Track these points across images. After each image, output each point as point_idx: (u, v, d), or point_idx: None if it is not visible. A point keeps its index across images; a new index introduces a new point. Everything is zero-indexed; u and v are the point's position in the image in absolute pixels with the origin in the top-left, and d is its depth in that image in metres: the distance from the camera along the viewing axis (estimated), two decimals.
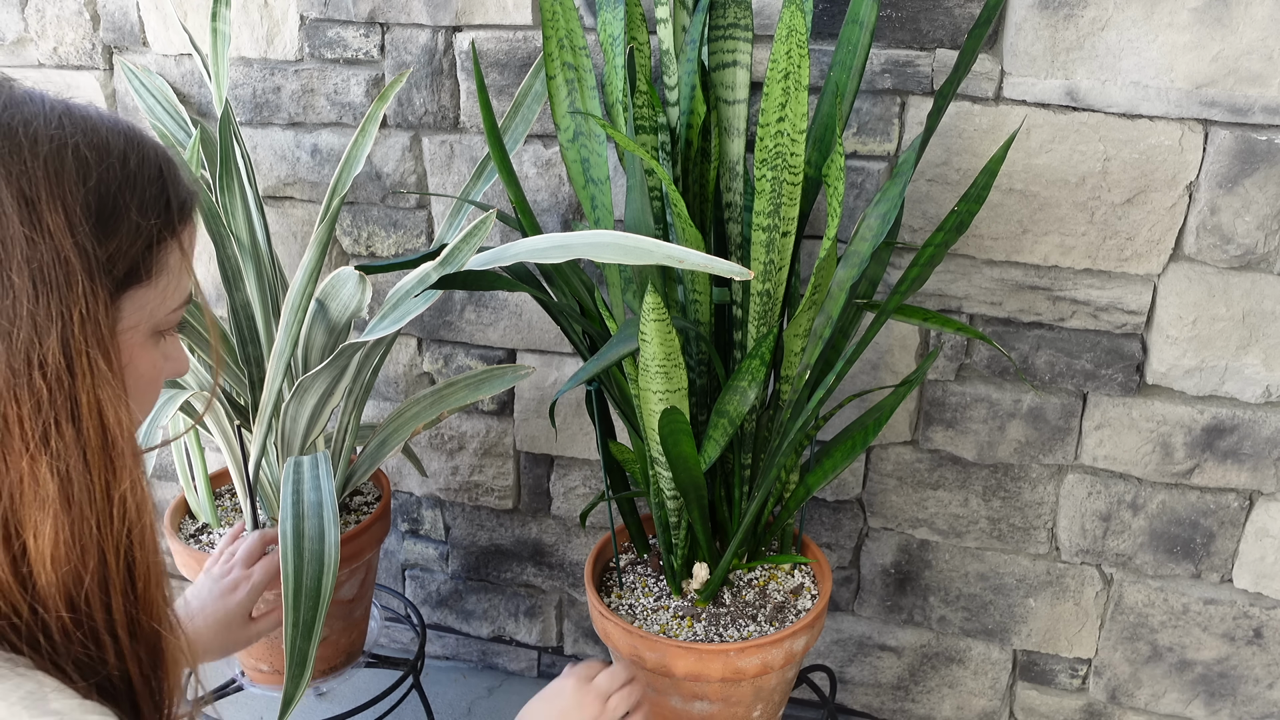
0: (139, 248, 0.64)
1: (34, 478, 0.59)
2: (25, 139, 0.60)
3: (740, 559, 1.19)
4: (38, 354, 0.58)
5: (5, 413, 0.58)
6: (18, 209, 0.58)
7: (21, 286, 0.58)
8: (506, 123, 1.27)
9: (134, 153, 0.65)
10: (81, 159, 0.61)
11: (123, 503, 0.62)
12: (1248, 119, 1.11)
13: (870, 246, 1.00)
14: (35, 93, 0.64)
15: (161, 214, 0.65)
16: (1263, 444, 1.24)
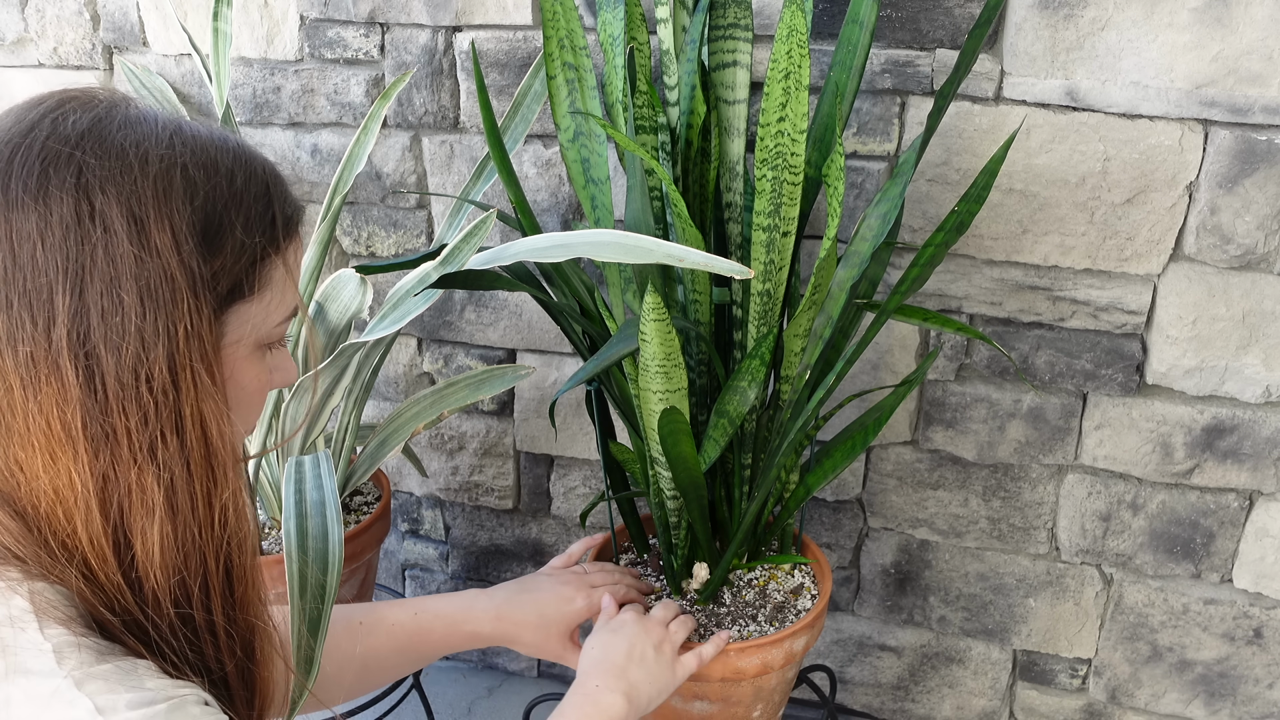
0: (243, 264, 0.66)
1: (141, 487, 0.61)
2: (136, 159, 0.62)
3: (740, 559, 1.19)
4: (145, 369, 0.61)
5: (115, 425, 0.60)
6: (127, 228, 0.60)
7: (130, 303, 0.60)
8: (506, 123, 1.27)
9: (241, 170, 0.67)
10: (189, 178, 0.63)
11: (224, 511, 0.65)
12: (1248, 119, 1.11)
13: (870, 246, 1.00)
14: (149, 112, 0.66)
15: (266, 231, 0.67)
16: (1263, 444, 1.24)
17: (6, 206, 0.60)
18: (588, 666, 0.99)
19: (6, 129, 0.63)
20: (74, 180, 0.60)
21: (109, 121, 0.63)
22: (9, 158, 0.61)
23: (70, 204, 0.60)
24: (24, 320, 0.59)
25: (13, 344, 0.60)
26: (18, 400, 0.60)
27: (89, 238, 0.60)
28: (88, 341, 0.60)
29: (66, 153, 0.61)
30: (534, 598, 1.08)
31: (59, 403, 0.60)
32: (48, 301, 0.59)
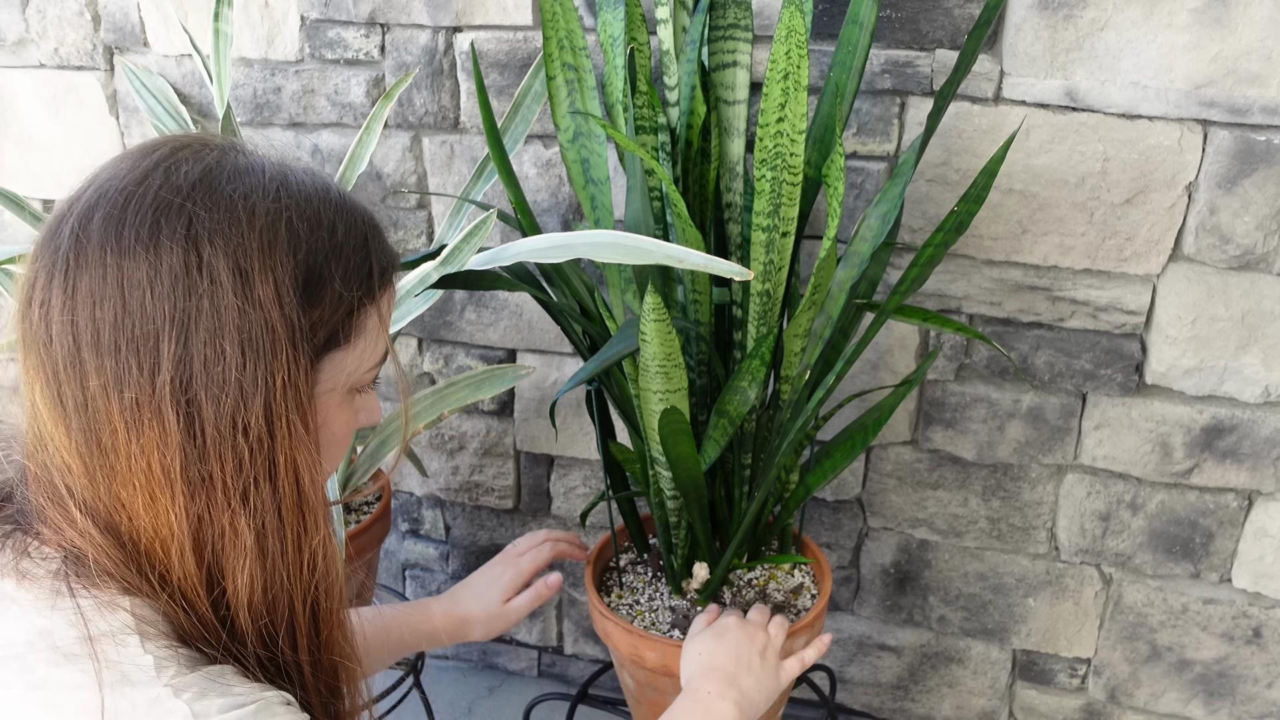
0: (340, 315, 0.68)
1: (234, 530, 0.64)
2: (244, 212, 0.63)
3: (740, 559, 1.19)
4: (242, 417, 0.62)
5: (211, 470, 0.62)
6: (232, 280, 0.62)
7: (231, 354, 0.62)
8: (506, 123, 1.27)
9: (342, 222, 0.68)
10: (294, 231, 0.65)
11: (313, 556, 0.67)
12: (1247, 119, 1.11)
13: (870, 247, 1.00)
14: (257, 161, 0.68)
15: (363, 282, 0.69)
16: (1262, 444, 1.24)
17: (119, 254, 0.61)
18: (695, 671, 0.99)
19: (121, 176, 0.64)
20: (184, 231, 0.62)
21: (219, 172, 0.65)
22: (123, 205, 0.63)
23: (180, 254, 0.61)
24: (131, 365, 0.61)
25: (119, 387, 0.61)
26: (121, 441, 0.62)
27: (196, 288, 0.61)
28: (189, 389, 0.62)
29: (178, 203, 0.63)
30: (471, 589, 1.14)
31: (160, 446, 0.62)
32: (154, 349, 0.61)
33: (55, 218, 0.65)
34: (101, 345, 0.61)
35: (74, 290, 0.62)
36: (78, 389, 0.62)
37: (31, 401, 0.64)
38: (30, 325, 0.64)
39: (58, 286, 0.62)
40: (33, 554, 0.64)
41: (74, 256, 0.62)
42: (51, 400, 0.63)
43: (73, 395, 0.62)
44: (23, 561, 0.63)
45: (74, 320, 0.62)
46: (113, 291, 0.61)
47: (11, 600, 0.62)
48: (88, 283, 0.62)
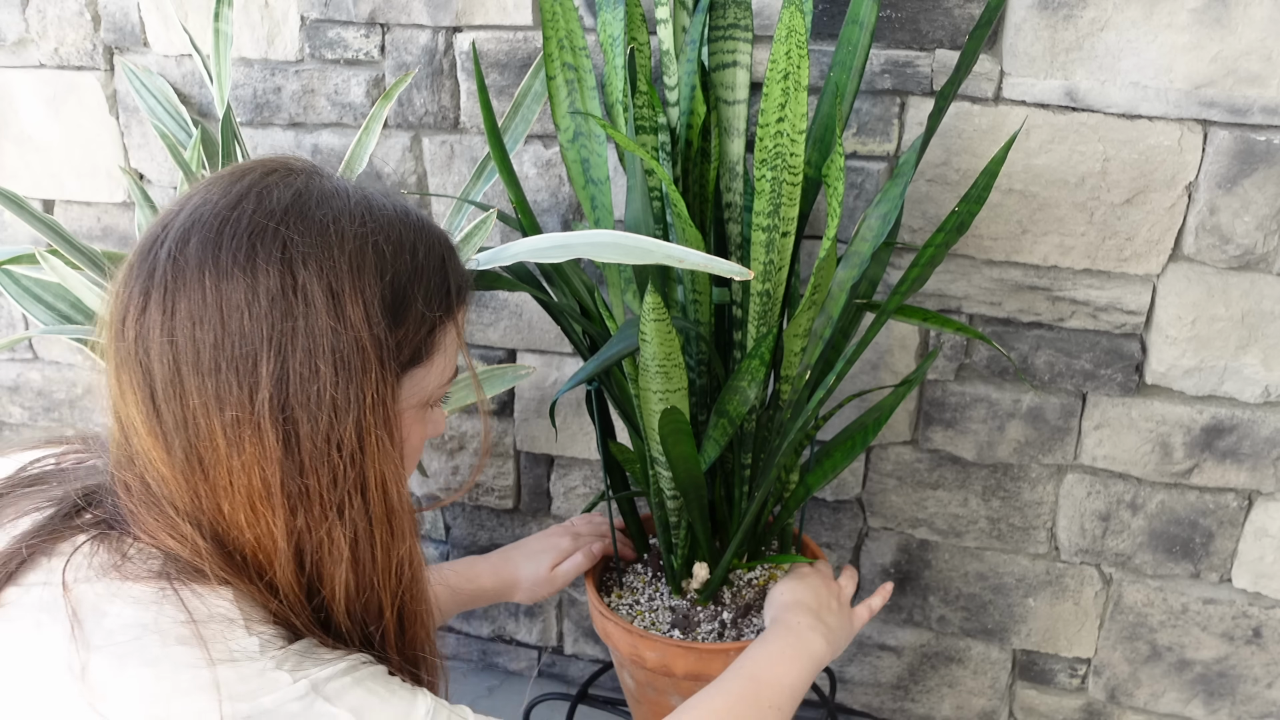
0: (423, 334, 0.71)
1: (330, 540, 0.67)
2: (335, 236, 0.66)
3: (740, 559, 1.19)
4: (336, 434, 0.65)
5: (308, 484, 0.66)
6: (326, 301, 0.65)
7: (326, 372, 0.65)
8: (506, 123, 1.27)
9: (422, 244, 0.71)
10: (380, 254, 0.68)
11: (400, 562, 0.71)
12: (1247, 119, 1.11)
13: (870, 247, 1.00)
14: (340, 185, 0.71)
15: (443, 301, 0.72)
16: (1262, 444, 1.24)
17: (218, 276, 0.64)
18: (785, 604, 1.05)
19: (214, 201, 0.67)
20: (280, 254, 0.64)
21: (308, 196, 0.68)
22: (219, 229, 0.65)
23: (276, 277, 0.64)
24: (231, 384, 0.64)
25: (220, 406, 0.64)
26: (222, 458, 0.64)
27: (293, 310, 0.64)
28: (287, 407, 0.64)
29: (272, 227, 0.65)
30: (524, 550, 1.19)
31: (259, 462, 0.64)
32: (253, 368, 0.64)
33: (148, 240, 0.67)
34: (202, 365, 0.64)
35: (173, 311, 0.64)
36: (178, 407, 0.64)
37: (127, 417, 0.67)
38: (125, 345, 0.66)
39: (155, 308, 0.65)
40: (132, 553, 0.66)
41: (172, 279, 0.64)
42: (149, 417, 0.65)
43: (172, 413, 0.65)
44: (125, 559, 0.66)
45: (174, 341, 0.64)
46: (212, 313, 0.64)
47: (118, 593, 0.64)
48: (187, 304, 0.64)
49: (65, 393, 1.78)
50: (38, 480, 0.74)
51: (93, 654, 0.61)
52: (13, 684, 0.62)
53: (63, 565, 0.65)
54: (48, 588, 0.64)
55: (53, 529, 0.68)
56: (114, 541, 0.67)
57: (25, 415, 1.82)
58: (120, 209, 1.61)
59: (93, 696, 0.60)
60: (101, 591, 0.64)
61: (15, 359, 1.78)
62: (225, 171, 0.70)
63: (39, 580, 0.65)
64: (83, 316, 1.30)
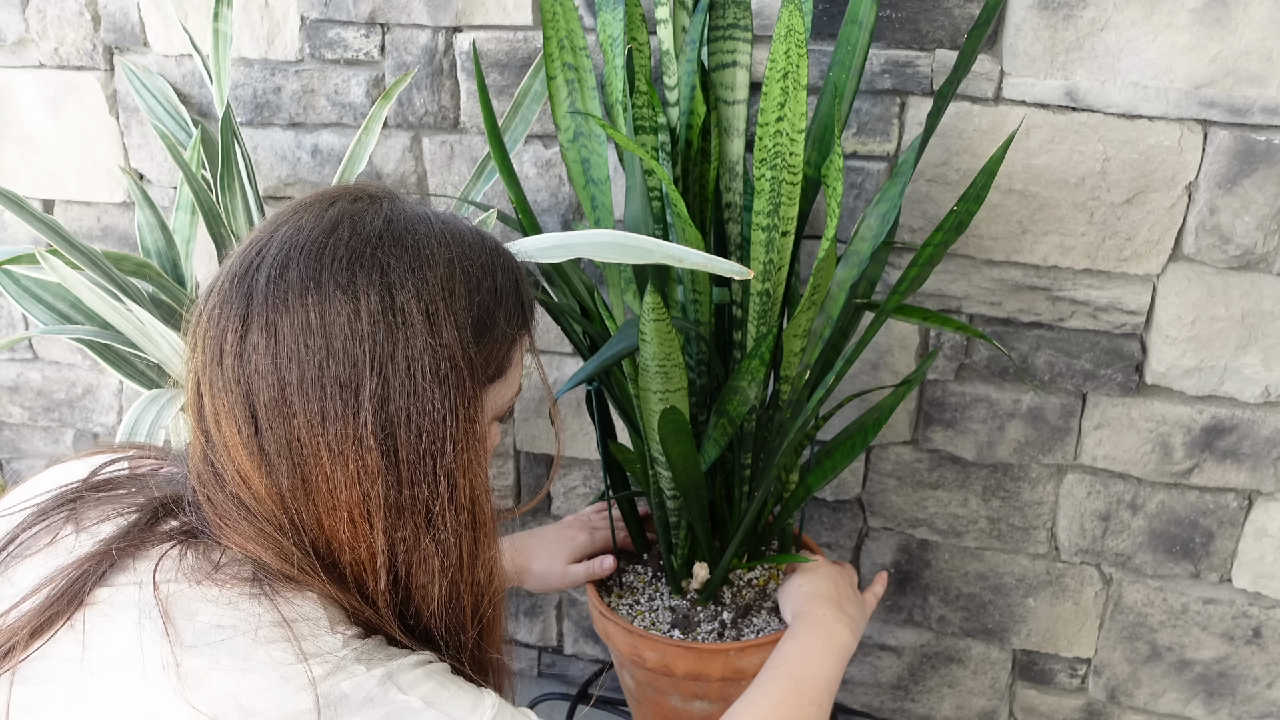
0: (503, 351, 0.75)
1: (424, 552, 0.70)
2: (427, 261, 0.69)
3: (740, 559, 1.19)
4: (435, 448, 0.68)
5: (407, 498, 0.68)
6: (424, 322, 0.68)
7: (424, 389, 0.67)
8: (506, 123, 1.27)
9: (500, 265, 0.75)
10: (468, 276, 0.71)
11: (485, 569, 0.74)
12: (1247, 119, 1.11)
13: (870, 246, 1.00)
14: (420, 211, 0.74)
15: (518, 318, 0.76)
16: (1262, 444, 1.24)
17: (320, 300, 0.67)
18: (806, 595, 1.07)
19: (308, 229, 0.69)
20: (379, 278, 0.67)
21: (398, 222, 0.71)
22: (318, 254, 0.68)
23: (376, 299, 0.67)
24: (336, 403, 0.66)
25: (325, 425, 0.66)
26: (326, 474, 0.67)
27: (394, 331, 0.67)
28: (389, 423, 0.67)
29: (369, 252, 0.68)
30: (539, 539, 1.18)
31: (361, 477, 0.67)
32: (356, 387, 0.66)
33: (241, 266, 0.70)
34: (307, 385, 0.66)
35: (276, 335, 0.66)
36: (281, 427, 0.67)
37: (219, 440, 0.68)
38: (224, 370, 0.68)
39: (257, 331, 0.67)
40: (222, 560, 0.68)
41: (274, 303, 0.67)
42: (249, 441, 0.67)
43: (275, 434, 0.67)
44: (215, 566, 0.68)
45: (278, 364, 0.66)
46: (317, 336, 0.66)
47: (210, 598, 0.66)
48: (290, 328, 0.66)
49: (65, 393, 1.78)
50: (115, 484, 0.76)
51: (186, 651, 0.63)
52: (110, 679, 0.64)
53: (152, 568, 0.67)
54: (140, 588, 0.66)
55: (139, 534, 0.70)
56: (201, 549, 0.69)
57: (25, 415, 1.82)
58: (120, 209, 1.61)
59: (186, 691, 0.62)
60: (192, 595, 0.66)
61: (15, 359, 1.78)
62: (312, 198, 0.73)
63: (130, 580, 0.67)
64: (83, 316, 1.30)
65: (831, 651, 0.99)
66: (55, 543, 0.70)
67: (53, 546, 0.70)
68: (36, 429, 1.84)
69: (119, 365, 1.26)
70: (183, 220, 1.41)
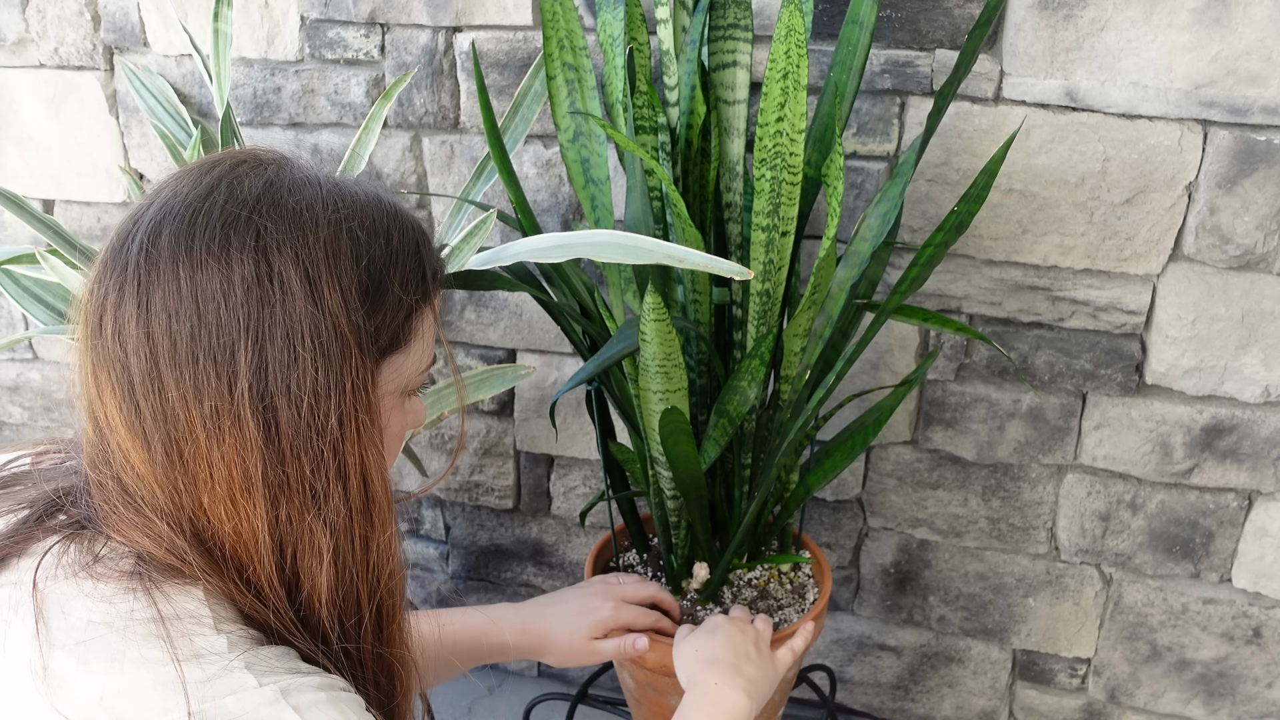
0: (399, 319, 0.70)
1: (311, 533, 0.66)
2: (309, 222, 0.66)
3: (740, 559, 1.19)
4: (318, 420, 0.65)
5: (289, 473, 0.65)
6: (303, 288, 0.64)
7: (305, 359, 0.64)
8: (506, 123, 1.27)
9: (396, 229, 0.71)
10: (355, 239, 0.67)
11: (380, 553, 0.70)
12: (1247, 119, 1.11)
13: (870, 246, 1.00)
14: (311, 173, 0.70)
15: (419, 286, 0.71)
16: (1262, 444, 1.24)
17: (192, 267, 0.63)
18: (697, 667, 0.99)
19: (185, 193, 0.66)
20: (254, 243, 0.64)
21: (280, 185, 0.67)
22: (191, 219, 0.64)
23: (251, 265, 0.63)
24: (209, 375, 0.63)
25: (199, 398, 0.63)
26: (202, 450, 0.64)
27: (269, 298, 0.63)
28: (267, 395, 0.63)
29: (245, 215, 0.64)
30: (560, 610, 1.08)
31: (240, 452, 0.64)
32: (231, 358, 0.63)
33: (119, 235, 0.66)
34: (179, 357, 0.63)
35: (148, 305, 0.63)
36: (156, 401, 0.64)
37: (104, 416, 0.66)
38: (103, 342, 0.65)
39: (130, 302, 0.64)
40: (103, 551, 0.65)
41: (145, 272, 0.64)
42: (129, 414, 0.64)
43: (151, 408, 0.64)
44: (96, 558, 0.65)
45: (149, 334, 0.63)
46: (188, 304, 0.63)
47: (86, 592, 0.63)
48: (161, 297, 0.63)
49: (65, 393, 1.78)
50: (11, 483, 0.73)
51: (54, 651, 0.61)
52: None
53: (34, 565, 0.65)
54: (17, 588, 0.64)
55: (25, 532, 0.67)
56: (86, 541, 0.66)
57: (25, 415, 1.82)
58: (120, 209, 1.61)
59: (53, 695, 0.60)
60: (68, 590, 0.64)
61: (15, 359, 1.78)
62: (194, 164, 0.69)
63: (9, 581, 0.65)
64: None
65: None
66: None
67: None
68: (37, 429, 1.84)
69: None
70: None
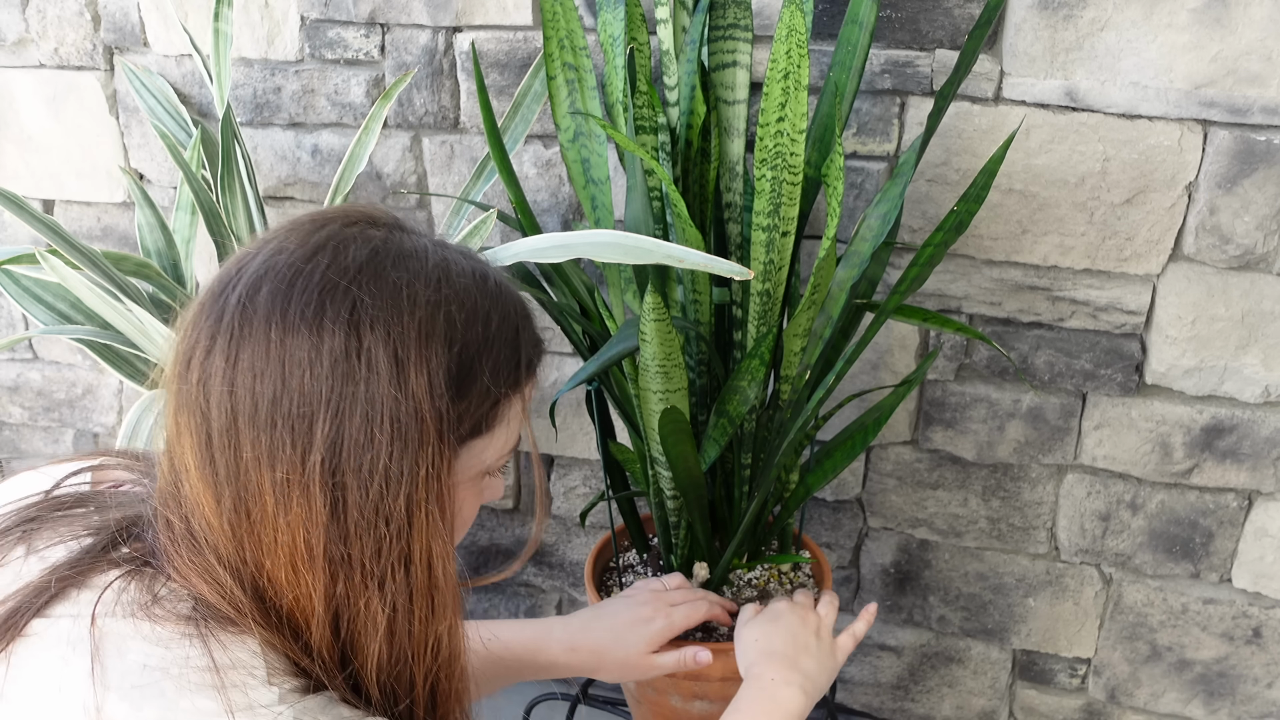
0: (486, 407, 0.69)
1: (369, 609, 0.65)
2: (406, 300, 0.64)
3: (740, 559, 1.19)
4: (386, 505, 0.64)
5: (351, 552, 0.64)
6: (389, 368, 0.63)
7: (381, 441, 0.63)
8: (506, 123, 1.27)
9: (496, 312, 0.69)
10: (451, 322, 0.66)
11: (438, 640, 0.69)
12: (1247, 119, 1.11)
13: (870, 247, 1.00)
14: (420, 244, 0.68)
15: (510, 374, 0.70)
16: (1262, 444, 1.24)
17: (284, 330, 0.63)
18: (755, 658, 0.98)
19: (290, 250, 0.65)
20: (348, 315, 0.63)
21: (384, 255, 0.66)
22: (291, 280, 0.64)
23: (341, 337, 0.62)
24: (285, 442, 0.62)
25: (272, 463, 0.62)
26: (269, 514, 0.63)
27: (354, 374, 0.62)
28: (338, 472, 0.63)
29: (344, 285, 0.63)
30: (609, 623, 1.04)
31: (304, 524, 0.63)
32: (308, 428, 0.62)
33: (221, 281, 0.66)
34: (258, 419, 0.63)
35: (236, 361, 0.63)
36: (231, 458, 0.63)
37: (180, 459, 0.65)
38: (188, 388, 0.65)
39: (219, 354, 0.63)
40: (163, 592, 0.65)
41: (239, 326, 0.63)
42: (203, 463, 0.64)
43: (225, 463, 0.63)
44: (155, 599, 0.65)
45: (233, 390, 0.63)
46: (274, 367, 0.62)
47: (143, 635, 0.63)
48: (250, 355, 0.63)
49: (65, 393, 1.78)
50: (77, 502, 0.72)
51: (109, 694, 0.60)
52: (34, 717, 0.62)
53: (94, 600, 0.64)
54: (76, 622, 0.63)
55: (88, 562, 0.67)
56: (146, 580, 0.66)
57: (25, 415, 1.82)
58: (120, 209, 1.61)
59: None
60: (126, 630, 0.63)
61: (15, 359, 1.78)
62: (306, 218, 0.69)
63: (69, 612, 0.64)
64: (82, 316, 1.30)
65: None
66: (4, 564, 0.68)
67: (2, 567, 0.67)
68: (36, 429, 1.84)
69: (119, 365, 1.26)
70: (183, 220, 1.41)
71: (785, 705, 0.93)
